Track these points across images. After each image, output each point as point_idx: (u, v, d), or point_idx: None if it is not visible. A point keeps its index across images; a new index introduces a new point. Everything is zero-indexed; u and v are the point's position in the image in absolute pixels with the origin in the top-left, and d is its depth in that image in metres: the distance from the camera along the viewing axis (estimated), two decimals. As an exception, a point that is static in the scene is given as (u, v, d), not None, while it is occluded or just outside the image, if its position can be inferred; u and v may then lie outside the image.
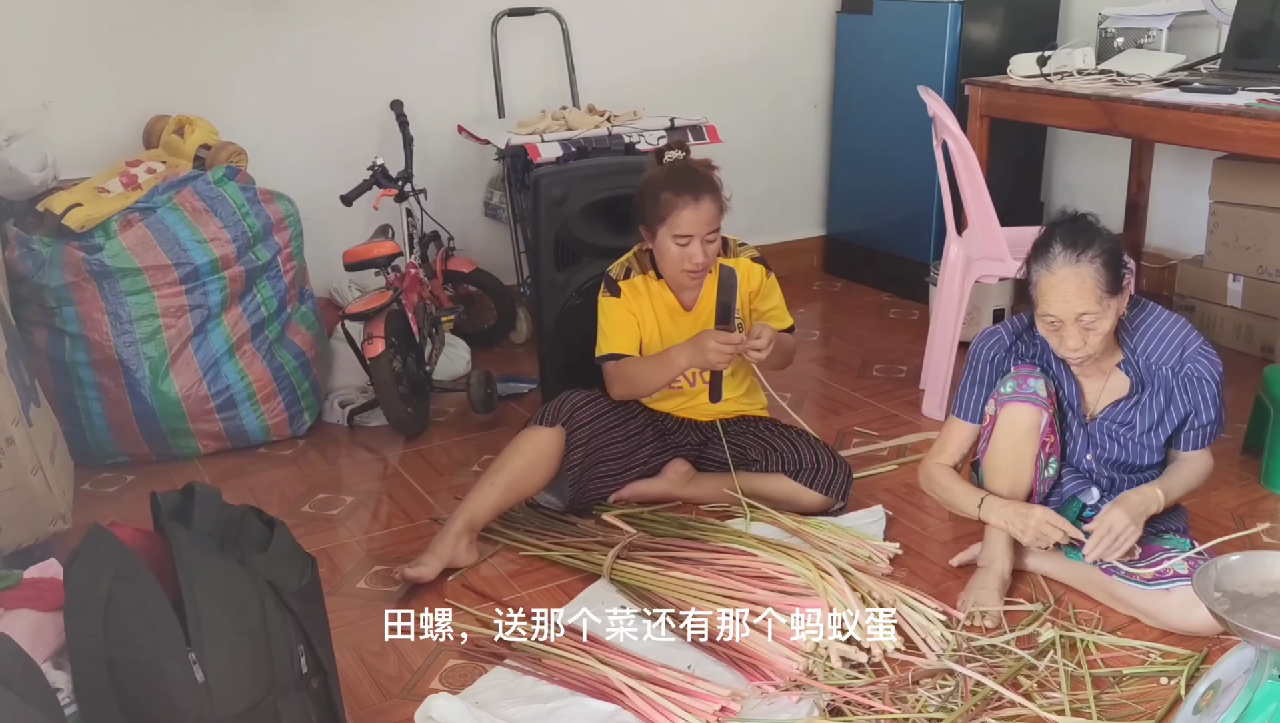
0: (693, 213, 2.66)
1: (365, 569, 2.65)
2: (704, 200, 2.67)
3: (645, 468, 2.88)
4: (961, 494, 2.48)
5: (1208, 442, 2.39)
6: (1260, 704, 1.74)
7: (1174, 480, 2.36)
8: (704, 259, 2.70)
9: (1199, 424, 2.35)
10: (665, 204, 2.67)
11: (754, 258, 2.87)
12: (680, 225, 2.67)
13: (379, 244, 3.33)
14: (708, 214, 2.67)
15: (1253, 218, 3.76)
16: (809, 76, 4.79)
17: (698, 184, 2.68)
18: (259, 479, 3.14)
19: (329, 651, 1.88)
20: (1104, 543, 2.26)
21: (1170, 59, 3.74)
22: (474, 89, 4.11)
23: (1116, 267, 2.24)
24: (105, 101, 3.53)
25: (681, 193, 2.66)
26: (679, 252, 2.69)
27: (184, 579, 1.69)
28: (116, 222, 3.07)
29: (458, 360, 3.81)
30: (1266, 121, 3.03)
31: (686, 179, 2.69)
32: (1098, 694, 2.10)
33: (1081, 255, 2.22)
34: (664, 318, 2.84)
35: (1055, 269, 2.24)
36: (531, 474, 2.70)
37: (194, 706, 1.67)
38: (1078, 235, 2.24)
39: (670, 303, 2.83)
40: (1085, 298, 2.22)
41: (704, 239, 2.68)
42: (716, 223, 2.70)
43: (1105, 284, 2.22)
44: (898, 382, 3.73)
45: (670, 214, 2.67)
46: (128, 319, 3.06)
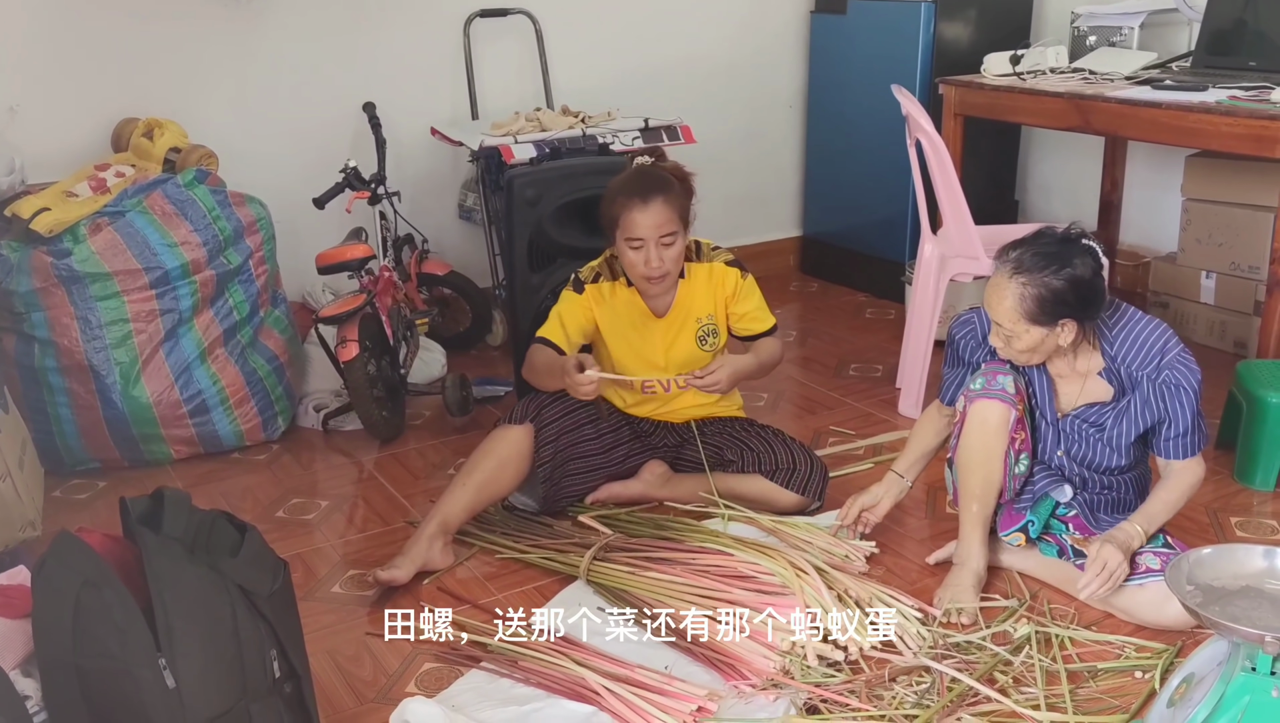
0: (641, 214, 2.60)
1: (340, 574, 2.64)
2: (653, 202, 2.61)
3: (621, 469, 2.87)
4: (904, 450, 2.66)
5: (1192, 451, 2.34)
6: (1233, 697, 1.74)
7: (1156, 505, 2.34)
8: (660, 263, 2.64)
9: (1177, 432, 2.32)
10: (618, 206, 2.64)
11: (729, 261, 2.83)
12: (630, 228, 2.62)
13: (352, 247, 3.31)
14: (657, 217, 2.61)
15: (1225, 214, 3.78)
16: (783, 77, 4.80)
17: (649, 186, 2.62)
18: (232, 485, 3.12)
19: (302, 655, 1.86)
20: (1099, 580, 2.25)
21: (1142, 57, 3.76)
22: (447, 91, 4.10)
23: (1051, 305, 2.21)
24: (73, 104, 3.49)
25: (631, 195, 2.62)
26: (633, 256, 2.65)
27: (154, 585, 1.67)
28: (85, 226, 3.04)
29: (433, 363, 3.80)
30: (1237, 118, 3.05)
31: (639, 182, 2.65)
32: (1073, 689, 2.10)
33: (1017, 274, 2.23)
34: (633, 326, 2.80)
35: (997, 272, 2.28)
36: (502, 474, 2.69)
37: (165, 712, 1.66)
38: (1039, 256, 2.23)
39: (641, 309, 2.80)
40: (1000, 312, 2.26)
41: (658, 242, 2.63)
42: (671, 226, 2.64)
43: (1025, 312, 2.22)
44: (874, 381, 3.74)
45: (621, 216, 2.63)
46: (98, 324, 3.03)
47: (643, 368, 2.81)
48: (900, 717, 2.02)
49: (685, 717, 2.03)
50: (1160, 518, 2.34)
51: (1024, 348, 2.28)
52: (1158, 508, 2.34)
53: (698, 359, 2.80)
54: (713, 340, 2.82)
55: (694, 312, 2.80)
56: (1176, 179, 3.98)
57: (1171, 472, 2.37)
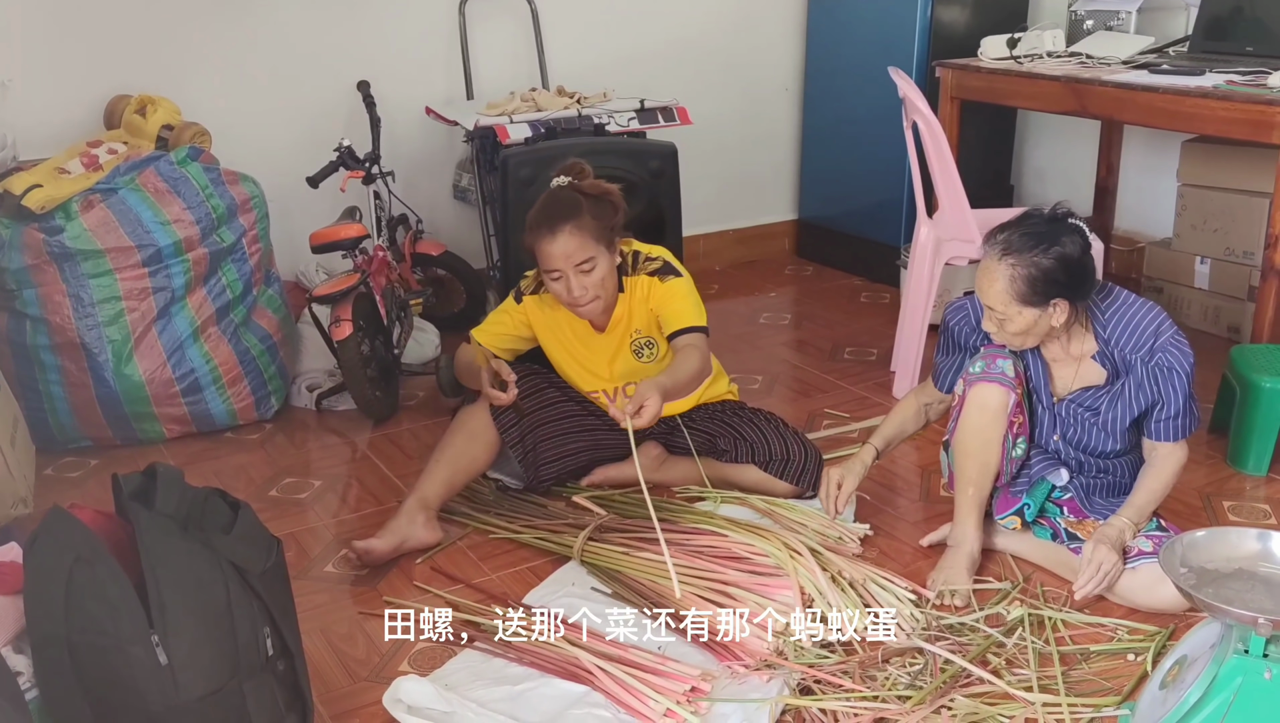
0: (550, 245, 2.51)
1: (333, 553, 2.63)
2: (561, 232, 2.50)
3: (607, 446, 2.85)
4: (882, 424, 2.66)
5: (1182, 433, 2.34)
6: (1226, 679, 1.75)
7: (1142, 496, 2.34)
8: (583, 291, 2.56)
9: (1169, 414, 2.32)
10: (530, 237, 2.56)
11: (652, 271, 2.68)
12: (544, 260, 2.55)
13: (346, 226, 3.30)
14: (567, 246, 2.51)
15: (1220, 200, 3.78)
16: (780, 59, 4.78)
17: (555, 215, 2.52)
18: (225, 463, 3.11)
19: (295, 633, 1.86)
20: (1094, 581, 2.26)
21: (1139, 41, 3.76)
22: (442, 70, 4.08)
23: (1042, 285, 2.21)
24: (65, 81, 3.47)
25: (539, 226, 2.53)
26: (556, 286, 2.58)
27: (146, 562, 1.66)
28: (77, 203, 3.02)
29: (427, 344, 3.79)
30: (1234, 103, 3.05)
31: (547, 211, 2.54)
32: (1065, 671, 2.11)
33: (1006, 256, 2.23)
34: (576, 338, 2.76)
35: (986, 255, 2.28)
36: (473, 446, 2.68)
37: (157, 689, 1.65)
38: (1027, 236, 2.23)
39: (581, 325, 2.74)
40: (991, 294, 2.26)
41: (576, 270, 2.54)
42: (585, 252, 2.53)
43: (1016, 293, 2.22)
44: (868, 365, 3.74)
45: (535, 249, 2.55)
46: (90, 302, 3.02)
47: (587, 378, 2.80)
48: (893, 698, 2.02)
49: (678, 697, 2.02)
50: (1148, 508, 2.35)
51: (1017, 331, 2.28)
52: (1145, 499, 2.34)
53: (639, 371, 2.77)
54: (649, 352, 2.76)
55: (631, 325, 2.75)
56: (1172, 164, 3.98)
57: (1156, 456, 2.37)
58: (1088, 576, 2.26)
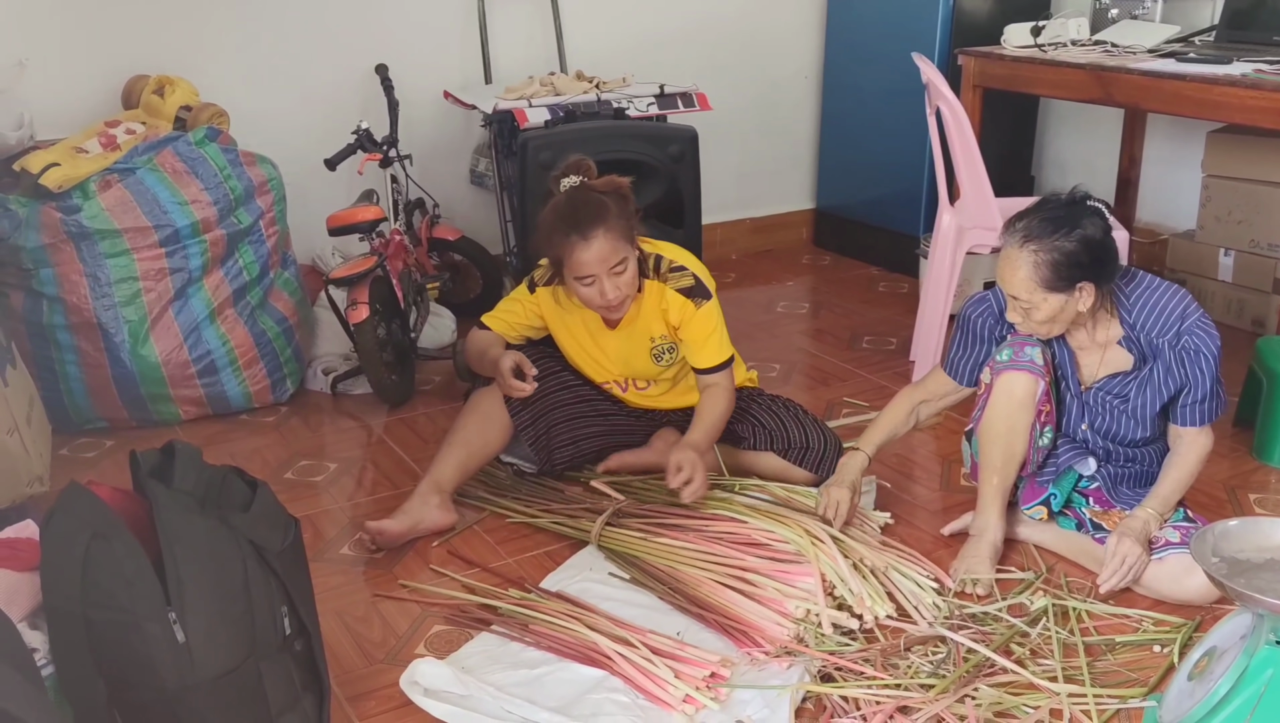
0: (585, 253, 2.42)
1: (349, 536, 2.62)
2: (595, 237, 2.41)
3: (623, 431, 2.83)
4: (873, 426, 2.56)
5: (1208, 419, 2.31)
6: (1257, 670, 1.72)
7: (1167, 486, 2.31)
8: (616, 293, 2.48)
9: (1196, 399, 2.29)
10: (558, 246, 2.46)
11: (683, 289, 2.59)
12: (577, 268, 2.45)
13: (363, 209, 3.28)
14: (602, 250, 2.43)
15: (1245, 191, 3.74)
16: (799, 46, 4.74)
17: (586, 219, 2.42)
18: (241, 446, 3.10)
19: (312, 613, 1.84)
20: (1119, 574, 2.23)
21: (1165, 30, 3.71)
22: (460, 54, 4.05)
23: (1066, 269, 2.18)
24: (83, 60, 3.46)
25: (570, 233, 2.43)
26: (588, 291, 2.50)
27: (164, 538, 1.65)
28: (95, 182, 3.01)
29: (443, 329, 3.77)
30: (1263, 91, 3.00)
31: (574, 215, 2.44)
32: (1090, 662, 2.08)
33: (1028, 243, 2.19)
34: (588, 332, 2.71)
35: (1006, 245, 2.24)
36: (487, 428, 2.66)
37: (174, 667, 1.64)
38: (1047, 221, 2.20)
39: (593, 319, 2.69)
40: (1014, 284, 2.22)
41: (609, 273, 2.46)
42: (618, 255, 2.45)
43: (1041, 280, 2.19)
44: (887, 354, 3.71)
45: (565, 256, 2.46)
46: (106, 281, 3.01)
47: (598, 372, 2.77)
48: (915, 686, 2.00)
49: (697, 682, 2.00)
50: (1173, 498, 2.32)
51: (1044, 318, 2.24)
52: (1169, 489, 2.31)
53: (655, 373, 2.74)
54: (669, 356, 2.70)
55: (646, 330, 2.67)
56: (1195, 155, 3.93)
57: (1181, 443, 2.34)
58: (1111, 569, 2.23)
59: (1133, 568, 2.23)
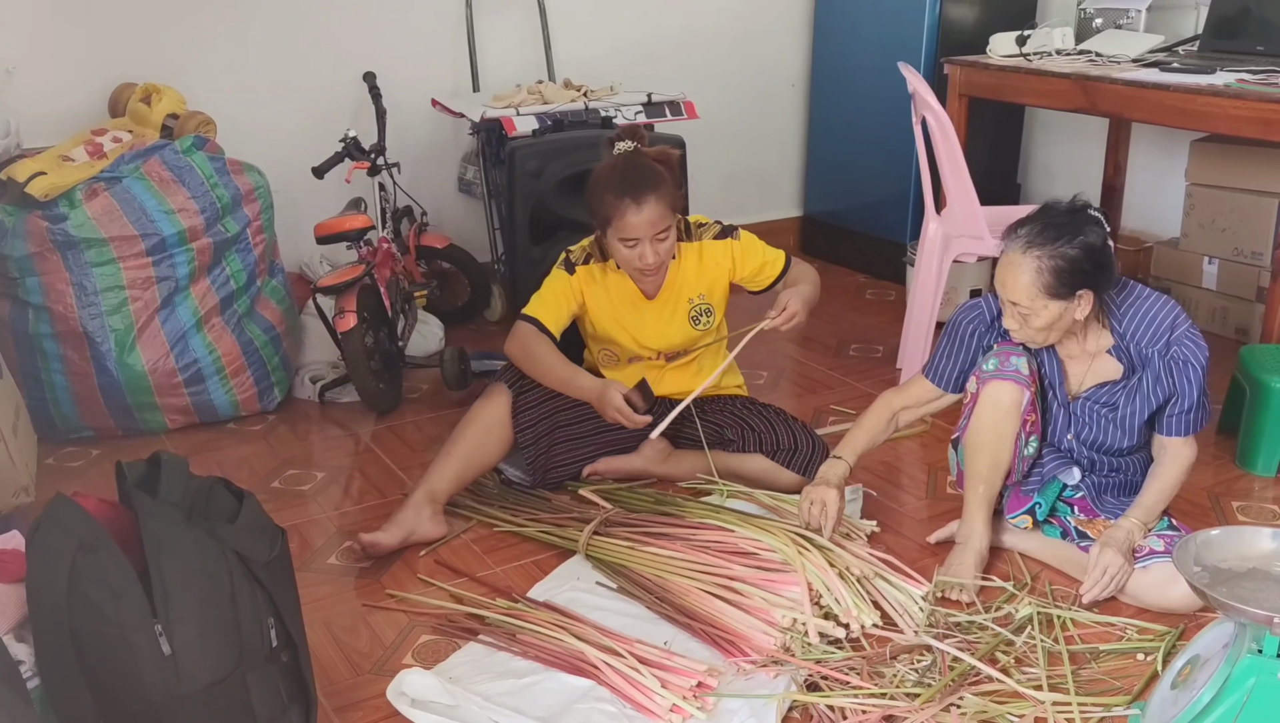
0: (635, 216, 2.54)
1: (336, 545, 2.62)
2: (647, 203, 2.53)
3: (616, 444, 2.83)
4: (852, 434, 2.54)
5: (1194, 428, 2.33)
6: (1239, 679, 1.73)
7: (1151, 496, 2.33)
8: (655, 258, 2.60)
9: (1182, 409, 2.31)
10: (609, 206, 2.56)
11: (716, 235, 2.77)
12: (625, 230, 2.56)
13: (351, 217, 3.28)
14: (652, 216, 2.55)
15: (1229, 200, 3.76)
16: (787, 54, 4.76)
17: (641, 184, 2.54)
18: (228, 455, 3.09)
19: (299, 624, 1.84)
20: (1100, 584, 2.25)
21: (1149, 39, 3.74)
22: (448, 62, 4.06)
23: (1069, 276, 2.19)
24: (70, 68, 3.45)
25: (623, 195, 2.53)
26: (628, 253, 2.61)
27: (150, 550, 1.65)
28: (81, 191, 3.00)
29: (431, 337, 3.77)
30: (1245, 101, 3.03)
31: (630, 178, 2.55)
32: (1075, 670, 2.09)
33: (1031, 249, 2.19)
34: (625, 308, 2.76)
35: (1008, 250, 2.24)
36: (488, 440, 2.67)
37: (161, 679, 1.64)
38: (1048, 228, 2.21)
39: (631, 292, 2.75)
40: (1016, 289, 2.22)
41: (653, 239, 2.58)
42: (665, 222, 2.58)
43: (1044, 286, 2.19)
44: (874, 361, 3.72)
45: (615, 217, 2.56)
46: (93, 290, 3.00)
47: (634, 346, 2.79)
48: (901, 695, 2.00)
49: (684, 692, 2.01)
50: (1157, 509, 2.33)
51: (1042, 325, 2.25)
52: (1153, 499, 2.33)
53: (692, 339, 2.78)
54: (706, 320, 2.79)
55: (685, 292, 2.76)
56: (1179, 164, 3.96)
57: (1166, 453, 2.36)
58: (1093, 579, 2.25)
59: (1115, 578, 2.24)
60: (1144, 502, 2.32)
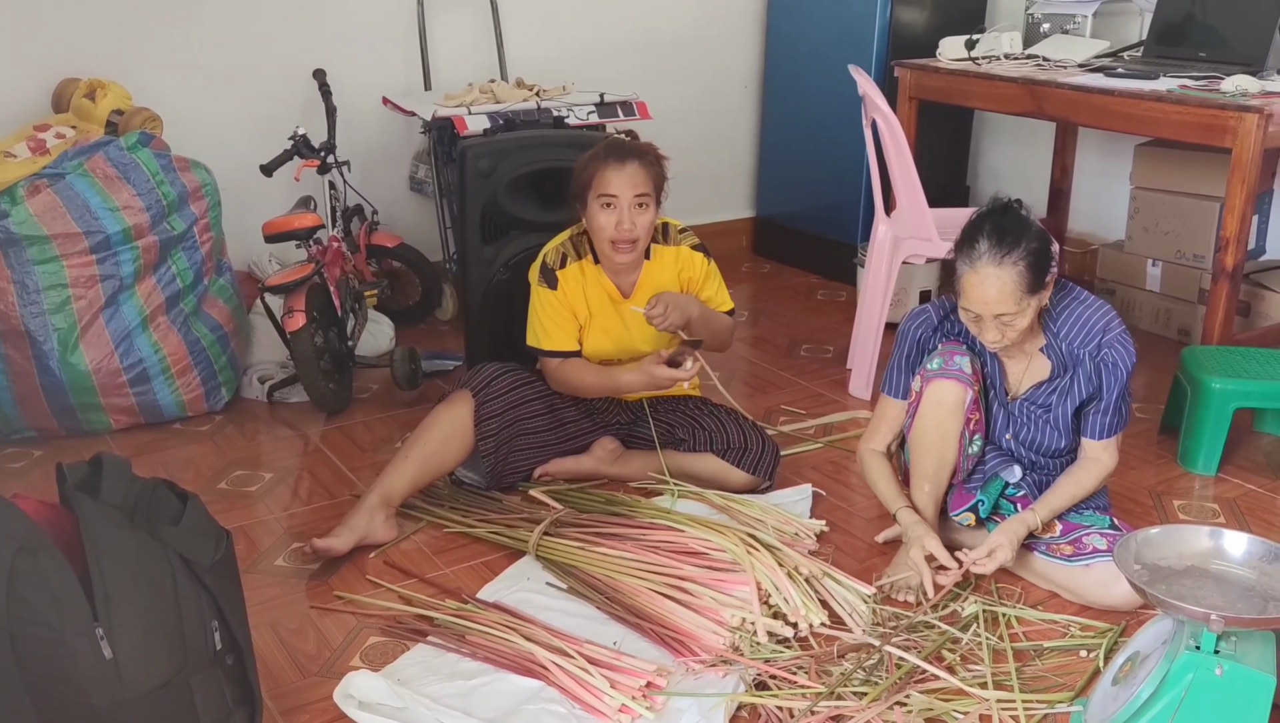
0: (616, 174, 2.61)
1: (284, 547, 2.59)
2: (630, 163, 2.62)
3: (571, 446, 2.84)
4: (885, 494, 2.50)
5: (1109, 432, 2.36)
6: (1177, 674, 1.76)
7: (1059, 496, 2.37)
8: (632, 226, 2.62)
9: (1099, 409, 2.35)
10: (592, 169, 2.64)
11: (694, 245, 2.80)
12: (603, 185, 2.61)
13: (300, 216, 3.25)
14: (633, 176, 2.61)
15: (1172, 204, 3.83)
16: (739, 56, 4.78)
17: (626, 150, 2.65)
18: (174, 455, 3.06)
19: (244, 627, 1.83)
20: (981, 564, 2.30)
21: (1095, 45, 3.79)
22: (400, 60, 4.03)
23: (1041, 265, 2.22)
24: (11, 63, 3.39)
25: (607, 157, 2.63)
26: (604, 218, 2.62)
27: (91, 553, 1.62)
28: (23, 187, 2.95)
29: (381, 336, 3.75)
30: (1188, 107, 3.08)
31: (616, 145, 2.68)
32: (1019, 667, 2.12)
33: (1005, 257, 2.19)
34: (602, 307, 2.77)
35: (979, 267, 2.21)
36: (446, 447, 2.66)
37: (102, 684, 1.62)
38: (1005, 232, 2.21)
39: (608, 289, 2.76)
40: (1004, 300, 2.21)
41: (631, 204, 2.61)
42: (646, 188, 2.63)
43: (1027, 286, 2.21)
44: (825, 361, 3.74)
45: (595, 175, 2.63)
46: (35, 289, 2.95)
47: (613, 347, 2.79)
48: (849, 693, 2.02)
49: (634, 692, 2.01)
50: (1061, 508, 2.38)
51: (1025, 325, 2.26)
52: (1060, 501, 2.37)
53: (660, 339, 2.78)
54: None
55: (662, 290, 2.75)
56: (1125, 167, 4.02)
57: (1084, 458, 2.40)
58: (978, 556, 2.30)
59: (996, 562, 2.29)
60: (1049, 501, 2.37)
